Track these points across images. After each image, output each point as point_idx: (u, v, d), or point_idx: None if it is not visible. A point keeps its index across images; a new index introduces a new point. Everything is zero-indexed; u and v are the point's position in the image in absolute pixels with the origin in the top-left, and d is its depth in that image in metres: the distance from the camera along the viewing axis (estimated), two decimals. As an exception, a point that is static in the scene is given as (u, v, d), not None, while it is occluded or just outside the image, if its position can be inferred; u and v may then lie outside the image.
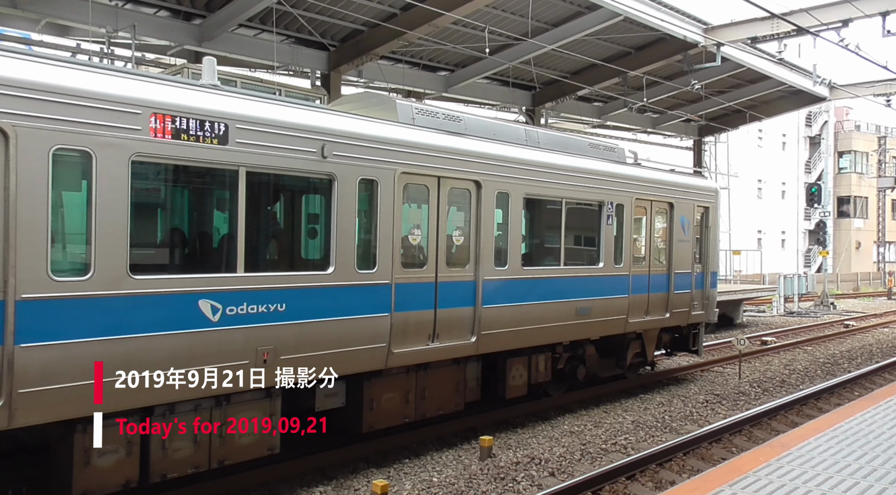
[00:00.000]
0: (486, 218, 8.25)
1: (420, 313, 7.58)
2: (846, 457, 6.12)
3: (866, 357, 15.70)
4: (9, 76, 4.91)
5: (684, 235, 11.65)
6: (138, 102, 5.48)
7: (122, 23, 13.03)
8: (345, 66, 15.82)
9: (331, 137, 6.70)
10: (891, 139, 49.68)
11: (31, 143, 4.94)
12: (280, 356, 6.29)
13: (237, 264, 6.11)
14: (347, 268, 6.85)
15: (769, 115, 27.32)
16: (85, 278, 5.20)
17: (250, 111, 6.23)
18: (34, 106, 4.97)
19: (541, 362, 9.50)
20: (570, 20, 16.40)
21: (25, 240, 4.88)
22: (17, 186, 4.87)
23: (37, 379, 4.96)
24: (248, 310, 6.09)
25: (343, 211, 6.82)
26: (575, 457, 8.02)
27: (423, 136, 7.80)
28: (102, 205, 5.28)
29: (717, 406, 10.73)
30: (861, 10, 15.37)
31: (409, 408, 7.91)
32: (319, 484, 7.12)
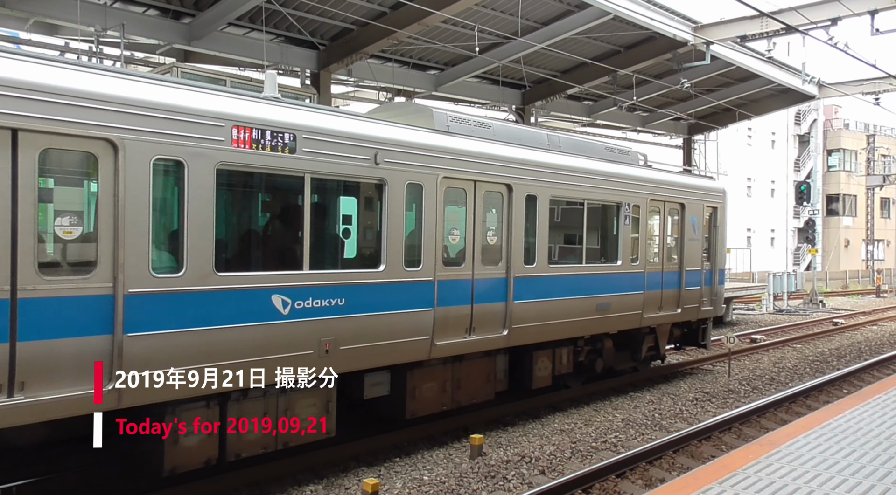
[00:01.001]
0: (516, 219, 8.88)
1: (459, 308, 8.18)
2: (835, 455, 6.16)
3: (855, 354, 15.80)
4: (119, 95, 5.54)
5: (694, 234, 12.25)
6: (222, 116, 6.10)
7: (110, 21, 12.94)
8: (334, 65, 15.77)
9: (382, 145, 7.32)
10: (879, 137, 50.06)
11: (135, 154, 5.54)
12: (339, 347, 6.91)
13: (303, 262, 6.72)
14: (396, 267, 7.47)
15: (758, 113, 27.43)
16: (178, 275, 5.82)
17: (315, 122, 6.87)
18: (138, 121, 5.58)
19: (563, 355, 10.06)
20: (559, 19, 16.42)
21: (131, 241, 5.49)
22: (125, 192, 5.48)
23: (141, 365, 5.52)
24: (312, 304, 6.70)
25: (393, 213, 7.44)
26: (565, 456, 8.04)
27: (461, 143, 8.41)
28: (192, 209, 5.90)
29: (707, 404, 10.77)
30: (850, 8, 15.44)
31: (447, 397, 8.47)
32: (310, 483, 7.11)
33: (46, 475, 6.37)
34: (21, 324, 4.98)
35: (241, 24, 14.53)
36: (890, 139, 53.11)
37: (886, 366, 14.17)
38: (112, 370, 5.38)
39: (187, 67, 14.19)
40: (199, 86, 6.70)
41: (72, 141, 5.28)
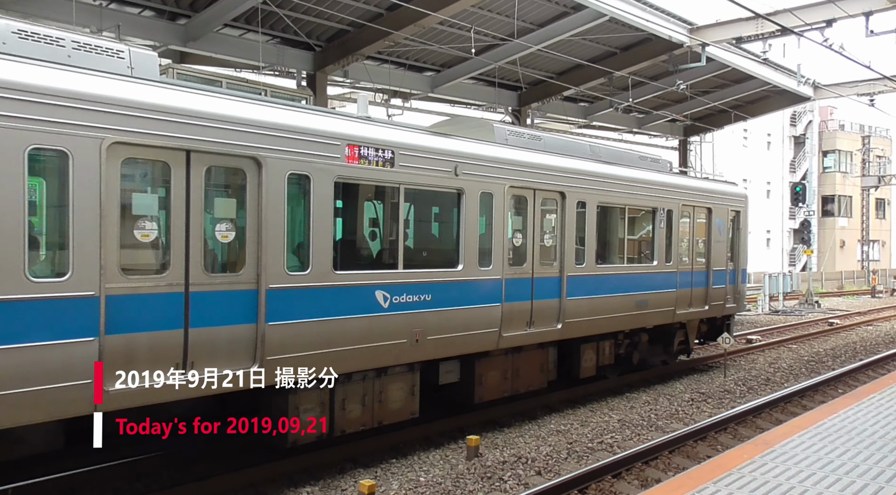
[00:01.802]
0: (569, 223, 9.82)
1: (521, 304, 9.13)
2: (829, 454, 6.18)
3: (850, 355, 15.85)
4: (261, 119, 6.50)
5: (720, 236, 13.24)
6: (339, 136, 7.09)
7: (106, 23, 12.92)
8: (330, 66, 15.78)
9: (461, 159, 8.29)
10: (875, 138, 50.24)
11: (274, 169, 6.46)
12: (427, 337, 7.87)
13: (399, 262, 7.75)
14: (472, 266, 8.44)
15: (754, 114, 27.51)
16: (306, 273, 6.75)
17: (408, 140, 7.88)
18: (276, 141, 6.50)
19: (606, 348, 11.02)
20: (555, 20, 16.45)
21: (271, 245, 6.42)
22: (266, 203, 6.39)
23: (277, 349, 6.44)
24: (406, 299, 7.67)
25: (469, 219, 8.39)
26: (561, 456, 8.05)
27: (523, 155, 9.39)
28: (316, 216, 6.85)
29: (703, 404, 10.80)
30: (844, 10, 15.50)
31: (507, 385, 9.39)
32: (307, 485, 7.11)
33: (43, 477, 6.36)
34: (192, 314, 5.92)
35: (237, 25, 14.53)
36: (885, 140, 53.29)
37: (881, 365, 14.22)
38: (257, 354, 6.32)
39: (183, 69, 14.16)
40: (320, 110, 8.28)
41: (228, 159, 6.28)
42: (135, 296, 5.62)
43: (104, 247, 5.40)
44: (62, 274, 5.25)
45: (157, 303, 5.76)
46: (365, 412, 7.54)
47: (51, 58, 5.51)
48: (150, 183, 6.24)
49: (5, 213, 4.95)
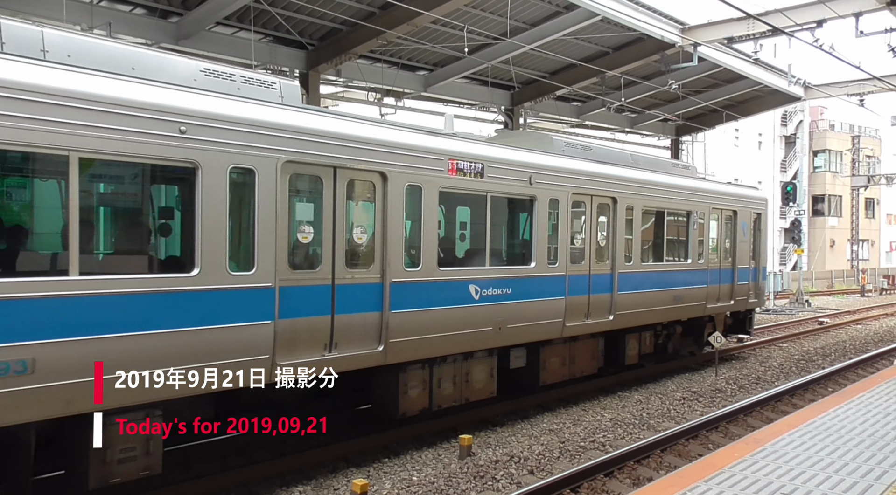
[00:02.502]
0: (619, 225, 10.99)
1: (581, 297, 10.30)
2: (819, 452, 6.23)
3: (840, 353, 15.96)
4: (388, 140, 7.76)
5: (744, 237, 14.45)
6: (444, 152, 8.32)
7: (97, 20, 12.83)
8: (323, 65, 15.74)
9: (534, 169, 9.56)
10: (864, 138, 50.59)
11: (395, 182, 7.68)
12: (507, 325, 9.04)
13: (486, 260, 8.99)
14: (542, 264, 9.65)
15: (745, 114, 27.62)
16: (418, 269, 7.95)
17: (494, 154, 9.13)
18: (398, 158, 7.74)
19: (647, 338, 12.27)
20: (548, 20, 16.46)
21: (393, 246, 7.58)
22: (390, 211, 7.59)
23: (397, 333, 7.62)
24: (491, 292, 8.81)
25: (539, 222, 9.68)
26: (554, 455, 8.07)
27: (581, 165, 10.57)
28: (426, 220, 8.04)
29: (694, 403, 10.85)
30: (835, 10, 15.59)
31: (565, 369, 10.56)
32: (299, 484, 7.11)
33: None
34: (336, 303, 7.04)
35: (229, 23, 14.48)
36: (874, 140, 53.67)
37: (870, 364, 14.34)
38: (382, 337, 7.50)
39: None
40: (428, 130, 9.38)
41: (363, 174, 7.47)
42: (298, 288, 6.76)
43: (278, 246, 6.52)
44: (249, 269, 6.34)
45: (314, 293, 6.94)
46: (455, 390, 8.75)
47: (226, 91, 6.65)
48: (308, 194, 7.35)
49: (215, 220, 6.10)
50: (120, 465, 5.71)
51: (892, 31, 15.38)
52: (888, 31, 15.43)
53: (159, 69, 6.33)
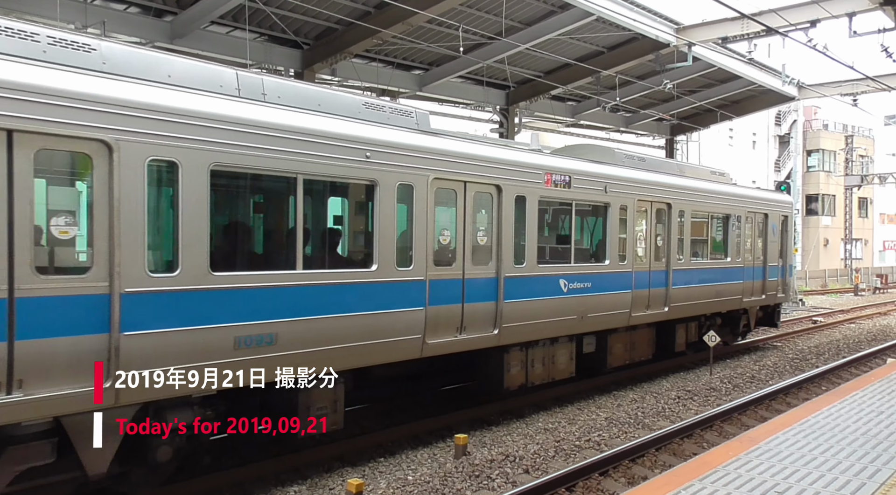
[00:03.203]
0: (674, 227, 12.47)
1: (643, 291, 11.66)
2: (812, 451, 6.26)
3: (833, 352, 16.02)
4: (504, 158, 9.27)
5: (773, 237, 15.87)
6: (542, 167, 9.80)
7: (91, 19, 12.79)
8: (318, 64, 15.72)
9: (608, 180, 10.95)
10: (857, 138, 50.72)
11: (507, 193, 9.03)
12: (587, 315, 10.37)
13: (571, 259, 10.44)
14: (614, 262, 11.02)
15: (739, 114, 27.69)
16: (523, 266, 9.30)
17: (578, 167, 10.52)
18: (510, 173, 9.15)
19: (693, 328, 13.71)
20: (543, 19, 16.48)
21: (506, 247, 9.01)
22: (503, 217, 8.98)
23: (508, 320, 8.98)
24: (576, 286, 10.20)
25: (611, 225, 10.98)
26: (549, 454, 8.09)
27: (640, 175, 12.02)
28: (529, 224, 9.43)
29: (689, 402, 10.88)
30: (828, 10, 15.64)
31: (627, 355, 11.86)
32: (294, 484, 7.10)
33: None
34: (466, 294, 8.49)
35: (223, 22, 14.45)
36: (868, 140, 53.86)
37: (864, 363, 14.40)
38: (497, 323, 8.89)
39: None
40: (529, 147, 11.34)
41: (485, 187, 8.83)
42: (440, 281, 8.18)
43: (428, 247, 8.01)
44: (408, 267, 7.84)
45: (450, 285, 8.33)
46: (544, 370, 10.07)
47: (380, 120, 7.98)
48: (445, 204, 8.51)
49: (387, 226, 7.63)
50: (318, 419, 7.10)
51: (885, 31, 15.43)
52: (881, 31, 15.48)
53: (334, 104, 7.65)
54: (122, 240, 5.52)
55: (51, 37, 5.73)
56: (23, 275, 5.03)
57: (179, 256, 5.93)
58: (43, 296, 5.13)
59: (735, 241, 14.38)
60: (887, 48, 16.15)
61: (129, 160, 5.56)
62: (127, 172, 5.55)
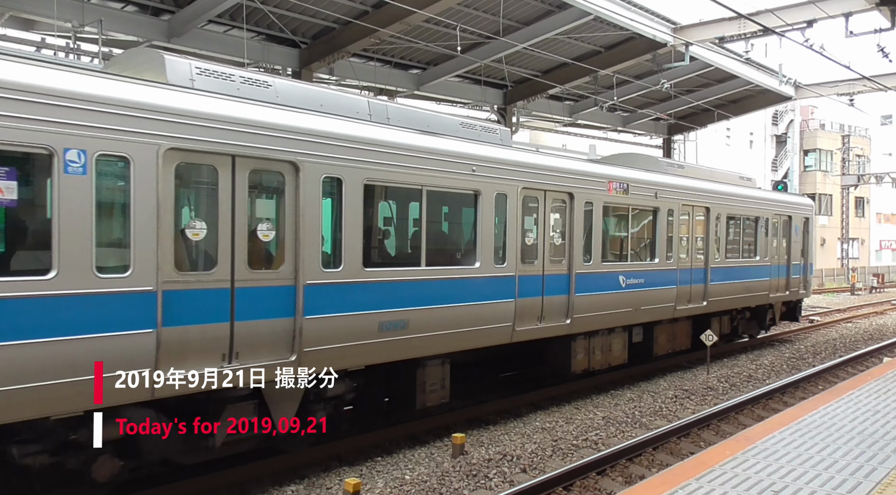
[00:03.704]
0: (713, 229, 13.74)
1: (686, 286, 12.97)
2: (809, 450, 6.28)
3: (830, 351, 16.06)
4: (573, 168, 10.71)
5: (797, 237, 17.17)
6: (605, 176, 11.10)
7: (88, 17, 12.78)
8: (316, 63, 15.73)
9: (658, 186, 12.28)
10: (854, 137, 50.83)
11: (578, 199, 10.31)
12: (640, 307, 11.72)
13: (628, 257, 11.93)
14: (663, 260, 12.36)
15: (737, 113, 27.76)
16: (590, 264, 10.56)
17: (635, 176, 11.85)
18: (582, 182, 10.46)
19: (725, 321, 14.92)
20: (541, 19, 16.50)
21: (576, 247, 10.20)
22: (574, 220, 10.24)
23: (578, 310, 10.26)
24: (632, 282, 11.46)
25: (660, 227, 12.30)
26: (546, 454, 8.09)
27: (683, 181, 13.30)
28: (595, 227, 10.67)
29: (686, 401, 10.90)
30: (825, 10, 15.68)
31: (670, 344, 13.25)
32: (292, 484, 7.10)
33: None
34: (546, 288, 9.73)
35: (221, 21, 14.44)
36: (864, 139, 53.98)
37: (860, 362, 14.43)
38: (569, 313, 10.11)
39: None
40: (596, 159, 12.89)
41: (561, 195, 10.12)
42: (526, 277, 9.44)
43: (517, 248, 9.25)
44: (502, 264, 8.99)
45: (533, 281, 9.62)
46: (602, 357, 11.22)
47: (472, 137, 9.28)
48: (529, 209, 9.74)
49: (488, 230, 8.84)
50: (430, 394, 8.51)
51: (881, 31, 15.47)
52: (877, 31, 15.52)
53: (439, 125, 8.89)
54: (305, 242, 6.74)
55: (242, 76, 7.01)
56: (240, 270, 6.27)
57: (342, 255, 7.21)
58: (252, 287, 6.38)
59: (763, 242, 15.64)
60: (883, 48, 16.19)
61: (309, 177, 6.79)
62: (308, 187, 6.76)
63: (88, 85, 5.50)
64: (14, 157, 5.11)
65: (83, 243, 5.27)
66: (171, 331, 5.71)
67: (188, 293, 5.92)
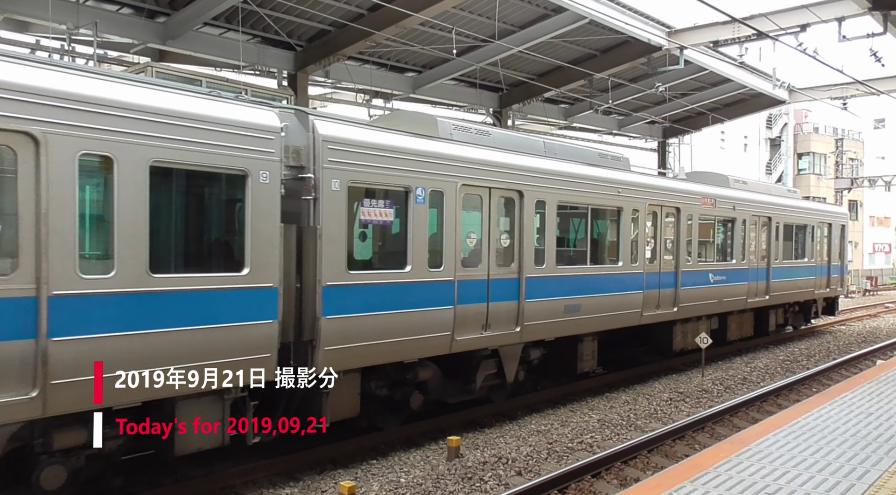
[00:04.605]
0: (773, 235, 16.44)
1: (753, 283, 15.71)
2: (802, 453, 6.30)
3: (824, 354, 16.12)
4: (681, 188, 13.54)
5: (835, 242, 20.00)
6: (700, 193, 13.79)
7: (83, 20, 12.74)
8: (312, 66, 15.72)
9: (735, 201, 14.94)
10: (847, 141, 51.00)
11: (684, 213, 12.97)
12: (723, 299, 14.41)
13: (714, 257, 14.62)
14: (738, 261, 14.99)
15: (731, 117, 27.86)
16: (690, 262, 13.12)
17: (719, 192, 14.42)
18: (687, 199, 13.25)
19: (780, 314, 17.80)
20: (536, 22, 16.54)
21: (682, 249, 12.80)
22: (681, 228, 12.87)
23: (681, 301, 12.92)
24: (717, 278, 14.10)
25: (737, 234, 14.92)
26: (542, 456, 8.10)
27: (749, 195, 15.88)
28: (693, 234, 13.20)
29: (681, 403, 10.92)
30: (818, 15, 15.77)
31: (739, 332, 15.93)
32: (286, 487, 7.09)
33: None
34: (647, 283, 12.11)
35: (217, 24, 14.42)
36: (857, 143, 54.20)
37: (854, 365, 14.49)
38: (676, 303, 12.73)
39: (162, 67, 14.04)
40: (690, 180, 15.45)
41: (670, 209, 12.78)
42: (651, 274, 12.13)
43: (646, 250, 11.95)
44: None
45: (666, 277, 12.61)
46: (690, 340, 13.35)
47: (609, 164, 11.86)
48: (651, 220, 12.51)
49: (626, 237, 11.51)
50: (585, 362, 11.15)
51: (873, 35, 15.55)
52: (870, 35, 15.61)
53: (588, 156, 11.55)
54: (525, 247, 9.42)
55: (476, 129, 9.82)
56: (492, 267, 8.99)
57: (545, 256, 9.83)
58: (498, 279, 9.05)
59: (810, 245, 18.49)
60: (876, 52, 16.28)
61: (528, 201, 9.49)
62: (527, 209, 9.49)
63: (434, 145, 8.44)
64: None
65: (454, 253, 8.43)
66: (459, 309, 8.39)
67: (467, 282, 8.58)
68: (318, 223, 6.90)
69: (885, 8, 14.28)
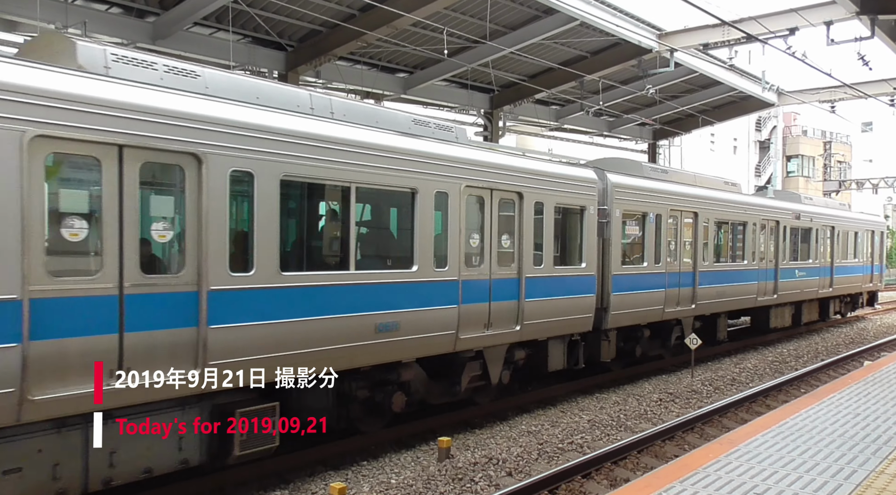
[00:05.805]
0: (837, 240, 20.15)
1: (824, 278, 19.78)
2: (791, 453, 6.34)
3: (812, 355, 16.23)
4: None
5: (876, 245, 24.18)
6: (790, 210, 18.39)
7: (72, 19, 12.65)
8: (303, 66, 15.69)
9: (813, 215, 18.98)
10: (836, 144, 51.45)
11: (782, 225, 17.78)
12: (804, 290, 18.71)
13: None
14: (814, 261, 18.90)
15: (720, 119, 28.00)
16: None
17: (801, 208, 18.94)
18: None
19: (837, 303, 21.88)
20: (527, 24, 16.57)
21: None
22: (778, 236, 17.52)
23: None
24: (800, 273, 18.43)
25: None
26: (532, 457, 8.11)
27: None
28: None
29: (671, 404, 10.96)
30: (807, 19, 15.89)
31: (808, 317, 19.78)
32: (276, 488, 7.06)
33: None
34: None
35: (207, 23, 14.37)
36: (846, 146, 54.67)
37: (841, 365, 14.59)
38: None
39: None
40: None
41: (769, 222, 17.09)
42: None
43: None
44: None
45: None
46: (781, 321, 17.23)
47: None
48: (764, 231, 15.99)
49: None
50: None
51: (861, 39, 15.67)
52: (858, 40, 15.73)
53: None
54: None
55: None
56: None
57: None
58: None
59: (859, 248, 22.55)
60: (864, 56, 16.41)
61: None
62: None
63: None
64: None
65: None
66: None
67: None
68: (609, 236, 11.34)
69: (873, 12, 14.41)
